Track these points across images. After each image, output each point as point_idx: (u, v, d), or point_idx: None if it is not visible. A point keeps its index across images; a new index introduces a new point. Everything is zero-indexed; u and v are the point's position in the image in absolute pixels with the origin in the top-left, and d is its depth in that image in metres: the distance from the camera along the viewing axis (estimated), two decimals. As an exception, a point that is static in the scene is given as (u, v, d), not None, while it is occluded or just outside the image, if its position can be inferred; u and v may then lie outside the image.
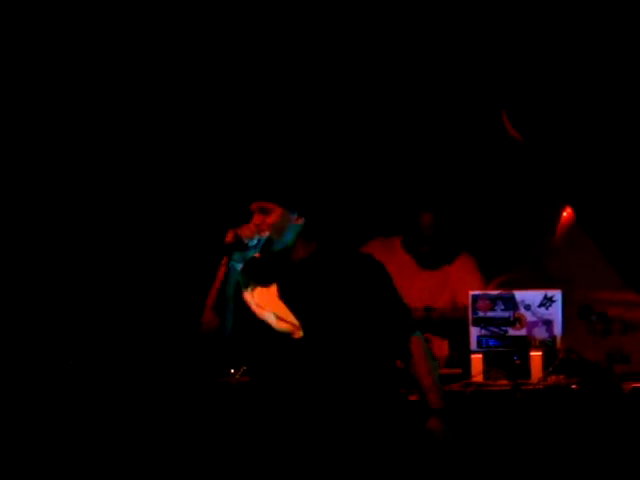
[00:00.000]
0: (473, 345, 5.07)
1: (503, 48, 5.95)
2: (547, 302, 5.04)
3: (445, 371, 5.03)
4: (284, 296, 3.77)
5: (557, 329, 5.03)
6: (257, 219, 3.75)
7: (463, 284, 5.57)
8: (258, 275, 3.81)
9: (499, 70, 6.02)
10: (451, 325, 5.41)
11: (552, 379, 4.92)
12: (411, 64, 6.09)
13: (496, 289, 5.33)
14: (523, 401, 4.81)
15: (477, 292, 5.14)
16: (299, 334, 3.75)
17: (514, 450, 4.75)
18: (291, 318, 3.75)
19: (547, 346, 5.01)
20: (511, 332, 5.06)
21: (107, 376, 5.33)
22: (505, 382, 4.91)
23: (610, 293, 5.68)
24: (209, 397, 5.11)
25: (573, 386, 4.85)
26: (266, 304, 3.78)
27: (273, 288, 3.79)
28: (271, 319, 3.77)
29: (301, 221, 3.80)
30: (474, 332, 5.07)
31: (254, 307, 3.79)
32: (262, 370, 3.82)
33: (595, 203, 5.92)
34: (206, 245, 3.77)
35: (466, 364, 5.04)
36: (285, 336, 3.76)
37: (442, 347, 5.35)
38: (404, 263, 5.63)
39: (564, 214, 6.15)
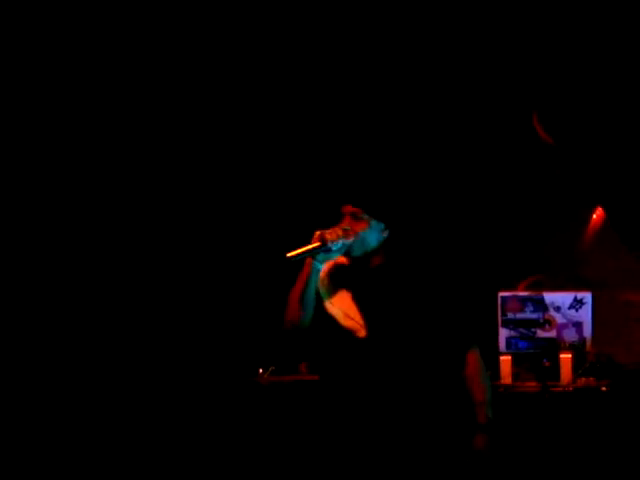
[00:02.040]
0: (502, 347, 5.06)
1: (534, 51, 5.93)
2: (577, 304, 5.02)
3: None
4: (356, 297, 3.86)
5: (587, 331, 5.01)
6: (346, 223, 3.85)
7: None
8: (335, 275, 3.90)
9: (530, 73, 6.01)
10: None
11: (582, 381, 4.90)
12: (446, 68, 6.09)
13: (525, 290, 5.30)
14: (552, 403, 4.79)
15: (506, 293, 5.13)
16: (363, 333, 3.81)
17: (543, 451, 4.73)
18: (358, 317, 3.82)
19: (577, 348, 4.99)
20: (540, 334, 5.05)
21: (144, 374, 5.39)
22: (534, 384, 4.90)
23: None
24: (242, 397, 5.15)
25: (603, 388, 4.82)
26: (337, 301, 3.86)
27: (347, 288, 3.87)
28: (339, 315, 3.84)
29: (385, 234, 3.88)
30: (503, 333, 5.06)
31: (326, 302, 3.88)
32: (325, 363, 3.89)
33: (627, 204, 5.89)
34: (291, 244, 3.82)
35: (495, 366, 5.03)
36: (349, 334, 3.83)
37: None
38: None
39: (595, 215, 6.13)
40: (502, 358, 4.98)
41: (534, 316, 5.04)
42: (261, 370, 5.21)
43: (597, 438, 4.73)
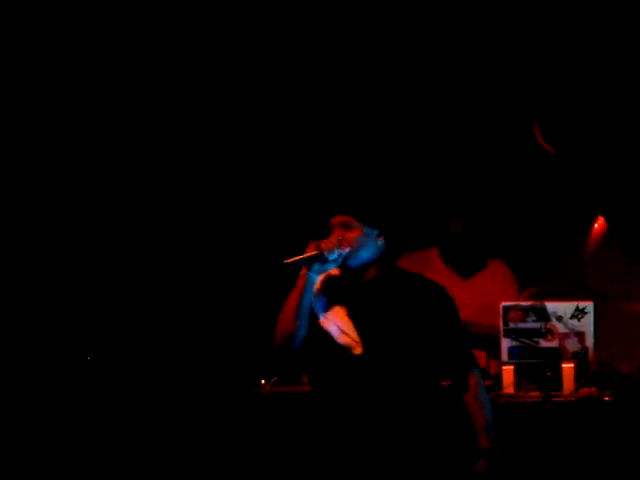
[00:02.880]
0: (504, 356, 5.05)
1: (535, 60, 5.94)
2: (579, 314, 5.01)
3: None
4: (351, 312, 3.78)
5: (589, 341, 5.00)
6: (338, 233, 3.76)
7: (499, 289, 5.52)
8: (329, 288, 3.82)
9: (531, 82, 6.01)
10: (487, 337, 5.37)
11: (584, 391, 4.89)
12: (446, 77, 6.10)
13: (528, 300, 5.29)
14: (554, 413, 4.78)
15: (508, 303, 5.12)
16: (359, 350, 3.74)
17: (545, 462, 4.72)
18: (354, 334, 3.75)
19: (579, 358, 4.98)
20: (543, 344, 5.04)
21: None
22: (536, 394, 4.89)
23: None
24: (243, 408, 5.13)
25: (605, 398, 4.81)
26: (332, 316, 3.78)
27: (342, 303, 3.79)
28: (334, 331, 3.77)
29: (381, 240, 3.79)
30: (505, 343, 5.06)
31: (321, 317, 3.80)
32: (319, 379, 3.82)
33: (627, 212, 5.90)
34: (284, 255, 3.78)
35: (497, 375, 5.03)
36: (345, 350, 3.75)
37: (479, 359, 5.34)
38: (442, 273, 5.57)
39: (596, 225, 6.13)
40: (504, 368, 4.98)
41: (536, 326, 5.04)
42: (263, 381, 5.19)
43: (599, 448, 4.72)
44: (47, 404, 5.47)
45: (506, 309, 5.08)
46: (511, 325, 5.06)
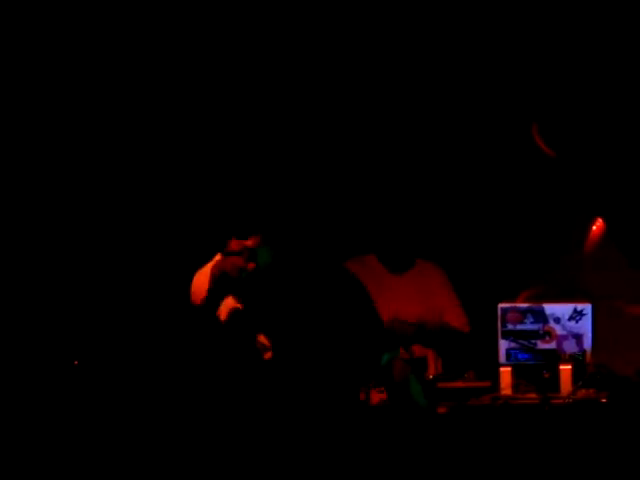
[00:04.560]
0: (502, 358, 5.05)
1: (534, 61, 5.94)
2: (577, 315, 5.02)
3: (474, 384, 5.03)
4: (257, 315, 3.70)
5: (587, 343, 5.01)
6: (234, 245, 3.70)
7: (432, 287, 5.53)
8: (235, 292, 3.76)
9: (530, 83, 6.01)
10: (438, 336, 5.37)
11: (582, 393, 4.89)
12: (443, 75, 6.10)
13: (525, 302, 5.30)
14: (552, 415, 4.77)
15: (506, 305, 5.12)
16: (269, 355, 3.68)
17: (543, 465, 4.72)
18: (262, 338, 3.69)
19: (577, 360, 4.98)
20: (540, 345, 5.04)
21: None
22: (534, 396, 4.89)
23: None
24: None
25: (603, 400, 4.81)
26: (240, 321, 3.71)
27: (246, 306, 3.73)
28: (242, 336, 3.70)
29: (278, 243, 3.76)
30: (503, 345, 5.06)
31: (227, 323, 3.72)
32: (228, 387, 3.74)
33: (626, 215, 5.90)
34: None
35: (495, 377, 5.03)
36: (255, 355, 3.69)
37: (437, 364, 5.37)
38: (379, 273, 5.55)
39: (594, 227, 6.13)
40: (502, 369, 4.97)
41: (534, 327, 5.04)
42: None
43: (597, 450, 4.72)
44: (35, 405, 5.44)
45: (504, 310, 5.08)
46: (509, 326, 5.07)
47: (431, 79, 6.08)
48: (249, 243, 3.73)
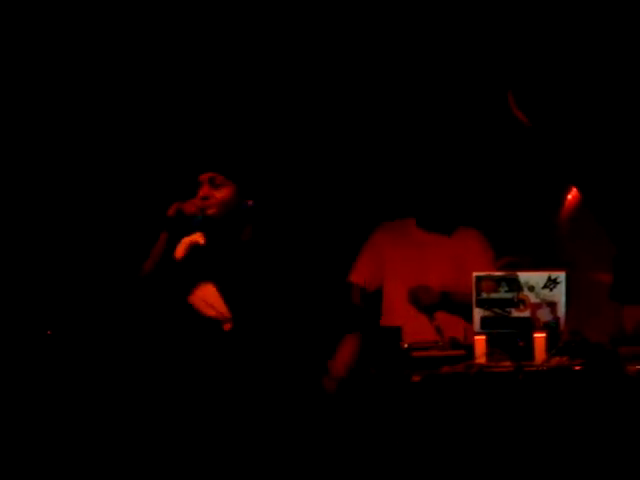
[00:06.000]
0: (476, 326, 5.06)
1: (508, 29, 5.92)
2: (551, 284, 5.02)
3: (448, 353, 5.04)
4: (220, 284, 3.45)
5: (561, 311, 5.02)
6: (204, 191, 3.43)
7: (472, 255, 5.55)
8: (197, 261, 3.44)
9: (505, 51, 5.99)
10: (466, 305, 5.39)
11: (555, 361, 4.90)
12: (417, 46, 6.07)
13: (500, 270, 5.30)
14: (526, 383, 4.79)
15: (481, 273, 5.12)
16: (229, 326, 3.46)
17: (517, 432, 4.74)
18: (222, 307, 3.44)
19: (551, 328, 4.99)
20: (515, 314, 5.05)
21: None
22: (508, 364, 4.90)
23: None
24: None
25: (577, 367, 4.83)
26: (200, 292, 3.45)
27: (209, 274, 3.46)
28: (200, 304, 3.46)
29: (251, 204, 3.49)
30: (478, 313, 5.06)
31: (188, 293, 3.47)
32: (183, 358, 3.52)
33: (602, 184, 5.90)
34: (149, 215, 3.57)
35: (470, 345, 5.03)
36: (213, 325, 3.46)
37: (458, 327, 5.37)
38: (415, 235, 5.62)
39: (569, 195, 6.13)
40: (477, 338, 4.98)
41: (508, 296, 5.04)
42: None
43: (570, 417, 4.74)
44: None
45: (479, 279, 5.08)
46: (483, 295, 5.07)
47: (405, 48, 6.07)
48: (220, 195, 3.45)
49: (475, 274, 5.09)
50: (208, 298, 3.45)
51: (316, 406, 3.55)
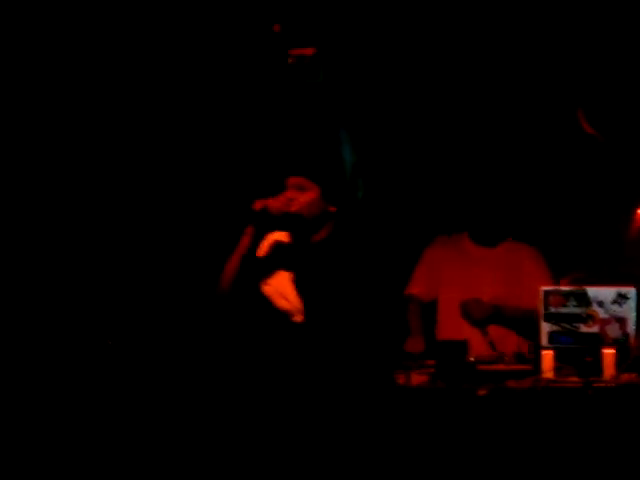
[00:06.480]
0: (544, 341, 5.03)
1: (580, 45, 5.90)
2: (620, 299, 4.98)
3: (514, 367, 5.01)
4: (298, 278, 3.55)
5: (630, 327, 4.96)
6: (289, 194, 3.53)
7: (525, 268, 5.52)
8: (277, 255, 3.59)
9: (576, 68, 5.97)
10: (520, 320, 5.36)
11: (625, 377, 4.85)
12: (489, 60, 6.08)
13: (569, 285, 5.26)
14: (595, 399, 4.74)
15: (549, 287, 5.09)
16: (299, 318, 3.54)
17: (584, 448, 4.69)
18: (295, 300, 3.54)
19: (620, 344, 4.94)
20: (583, 329, 5.01)
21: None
22: (576, 379, 4.86)
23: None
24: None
25: (646, 385, 4.78)
26: (274, 282, 3.56)
27: (287, 268, 3.57)
28: (274, 295, 3.56)
29: (334, 210, 3.59)
30: (545, 328, 5.03)
31: (264, 284, 3.58)
32: (252, 344, 3.59)
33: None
34: (233, 213, 3.62)
35: (537, 360, 5.00)
36: (284, 317, 3.55)
37: (510, 341, 5.35)
38: (468, 249, 5.63)
39: (639, 211, 6.08)
40: (544, 352, 4.94)
41: (577, 311, 5.01)
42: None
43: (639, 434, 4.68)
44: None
45: (547, 293, 5.05)
46: (551, 309, 5.04)
47: (476, 64, 6.07)
48: (305, 197, 3.54)
49: (543, 288, 5.06)
50: (283, 289, 3.56)
51: (380, 401, 3.58)
